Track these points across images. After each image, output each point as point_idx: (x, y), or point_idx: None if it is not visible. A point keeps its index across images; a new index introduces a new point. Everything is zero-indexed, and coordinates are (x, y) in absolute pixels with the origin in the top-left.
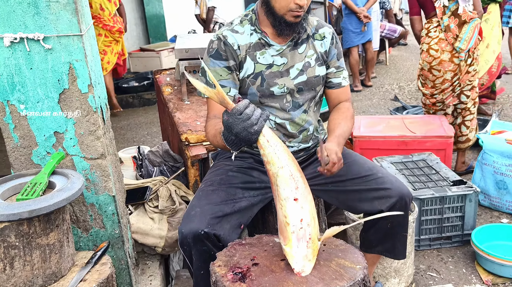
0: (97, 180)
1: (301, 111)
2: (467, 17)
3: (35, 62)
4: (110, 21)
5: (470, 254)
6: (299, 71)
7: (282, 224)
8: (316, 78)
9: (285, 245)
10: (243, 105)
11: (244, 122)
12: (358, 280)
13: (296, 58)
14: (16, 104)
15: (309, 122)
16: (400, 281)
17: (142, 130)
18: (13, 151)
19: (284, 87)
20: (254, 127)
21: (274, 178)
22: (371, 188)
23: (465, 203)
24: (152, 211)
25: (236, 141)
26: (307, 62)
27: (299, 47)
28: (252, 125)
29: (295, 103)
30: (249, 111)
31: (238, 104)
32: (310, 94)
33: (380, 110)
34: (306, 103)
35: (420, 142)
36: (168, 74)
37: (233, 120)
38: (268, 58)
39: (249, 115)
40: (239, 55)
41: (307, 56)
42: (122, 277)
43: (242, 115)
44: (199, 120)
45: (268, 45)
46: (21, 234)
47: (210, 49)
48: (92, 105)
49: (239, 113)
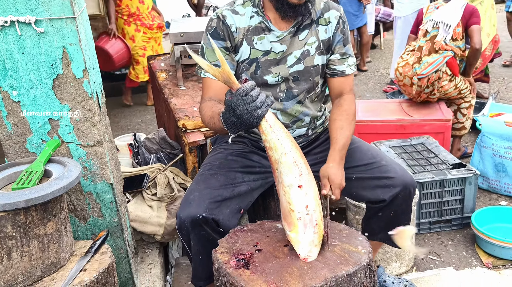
0: (94, 168)
1: (295, 102)
2: (439, 46)
3: (27, 46)
4: (148, 17)
5: (470, 237)
6: (296, 59)
7: (286, 210)
8: (314, 68)
9: (290, 231)
10: (250, 86)
11: (249, 104)
12: (364, 265)
13: (295, 45)
14: (8, 90)
15: (304, 113)
16: (401, 265)
17: (136, 118)
18: (6, 139)
19: (279, 76)
20: (258, 111)
21: (277, 164)
22: (374, 176)
23: (465, 186)
24: (150, 198)
25: (236, 124)
26: (306, 51)
27: (300, 33)
28: (256, 109)
29: (289, 93)
30: (254, 93)
31: (245, 84)
32: (306, 85)
33: (376, 95)
34: (302, 94)
35: (419, 126)
36: (163, 59)
37: (237, 101)
38: (266, 44)
39: (254, 97)
40: (236, 37)
41: (307, 44)
42: (121, 266)
43: (247, 97)
44: (195, 106)
45: (268, 30)
46: (18, 224)
47: (209, 27)
48: (88, 91)
49: (244, 95)
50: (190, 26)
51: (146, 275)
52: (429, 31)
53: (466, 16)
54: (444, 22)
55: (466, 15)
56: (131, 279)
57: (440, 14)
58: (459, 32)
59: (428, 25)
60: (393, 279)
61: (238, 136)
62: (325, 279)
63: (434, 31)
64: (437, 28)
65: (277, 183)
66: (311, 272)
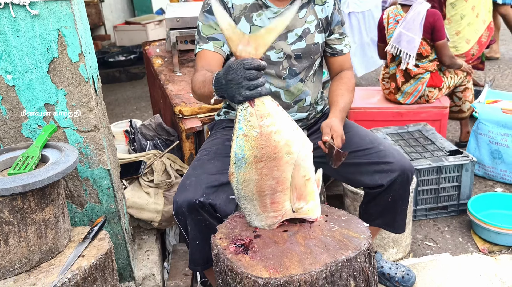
0: (91, 153)
1: (297, 80)
2: (412, 73)
3: (22, 29)
4: None
5: (466, 223)
6: (297, 36)
7: (301, 185)
8: (315, 46)
9: (307, 203)
10: (256, 64)
11: (244, 78)
12: (363, 250)
13: (297, 23)
14: (3, 74)
15: (305, 92)
16: (398, 251)
17: (131, 105)
18: (1, 124)
19: (281, 52)
20: (246, 92)
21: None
22: (372, 161)
23: (461, 173)
24: (147, 185)
25: (223, 88)
26: (306, 28)
27: (300, 11)
28: (246, 88)
29: (292, 71)
30: (255, 73)
31: (254, 59)
32: (307, 62)
33: (372, 82)
34: (303, 72)
35: (415, 113)
36: (158, 45)
37: (236, 68)
38: (265, 20)
39: (252, 76)
40: (232, 13)
41: (307, 22)
42: (119, 253)
43: (247, 71)
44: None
45: (265, 7)
46: (15, 210)
47: (205, 5)
48: (84, 75)
49: (247, 67)
50: (186, 11)
51: (144, 261)
52: (394, 55)
53: (429, 28)
54: (404, 50)
55: (429, 28)
56: (129, 266)
57: (398, 38)
58: (426, 50)
59: (391, 49)
60: (390, 265)
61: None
62: (325, 264)
63: (399, 57)
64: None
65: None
66: (311, 257)
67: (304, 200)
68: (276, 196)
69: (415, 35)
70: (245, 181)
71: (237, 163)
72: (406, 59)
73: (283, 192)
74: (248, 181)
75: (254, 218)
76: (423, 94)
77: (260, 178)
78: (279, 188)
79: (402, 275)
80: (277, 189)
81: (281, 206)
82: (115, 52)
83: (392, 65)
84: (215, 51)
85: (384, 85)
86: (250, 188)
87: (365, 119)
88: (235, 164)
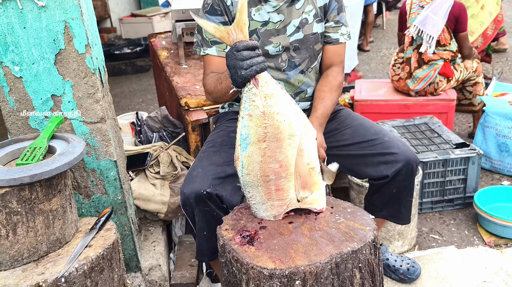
0: (97, 145)
1: (297, 72)
2: (427, 58)
3: (29, 20)
4: None
5: (472, 216)
6: (295, 28)
7: (305, 174)
8: (313, 36)
9: (312, 192)
10: (243, 45)
11: (237, 61)
12: (369, 242)
13: (293, 14)
14: (10, 66)
15: (306, 83)
16: (403, 244)
17: (137, 98)
18: (9, 115)
19: (279, 45)
20: (242, 72)
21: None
22: (376, 153)
23: (468, 166)
24: (153, 177)
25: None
26: (304, 19)
27: (297, 2)
28: (241, 68)
29: (291, 62)
30: (246, 53)
31: (240, 41)
32: (307, 53)
33: (379, 75)
34: (304, 63)
35: (422, 106)
36: (164, 37)
37: (229, 54)
38: (264, 14)
39: (244, 57)
40: (232, 11)
41: (304, 12)
42: (126, 243)
43: (237, 54)
44: (198, 84)
45: (264, 1)
46: (23, 200)
47: (205, 5)
48: (90, 66)
49: (236, 50)
50: (192, 2)
51: (150, 252)
52: (415, 38)
53: (453, 18)
54: (427, 33)
55: (453, 18)
56: (135, 256)
57: (424, 20)
58: (445, 38)
59: (413, 31)
60: (396, 257)
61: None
62: (330, 256)
63: (420, 38)
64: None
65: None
66: (316, 249)
67: (308, 190)
68: (281, 182)
69: (440, 20)
70: (250, 163)
71: (242, 143)
72: (428, 42)
73: (287, 178)
74: (252, 164)
75: (260, 207)
76: (433, 81)
77: (264, 160)
78: (283, 173)
79: (407, 268)
80: (281, 174)
81: (285, 194)
82: (121, 45)
83: (409, 49)
84: (219, 55)
85: (395, 71)
86: (255, 172)
87: (371, 111)
88: (240, 145)
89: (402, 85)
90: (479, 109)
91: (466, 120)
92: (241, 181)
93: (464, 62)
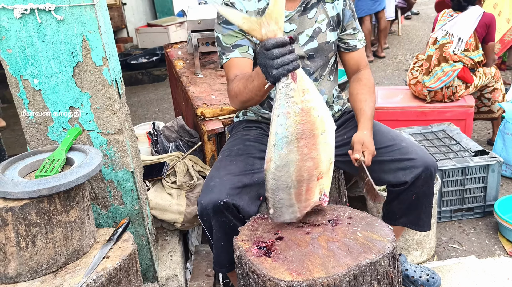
0: (114, 156)
1: (312, 80)
2: (449, 56)
3: (47, 34)
4: None
5: (492, 225)
6: (309, 37)
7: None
8: (327, 44)
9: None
10: (273, 43)
11: (268, 59)
12: (387, 253)
13: (306, 24)
14: (29, 79)
15: (321, 91)
16: (422, 253)
17: (153, 107)
18: (28, 127)
19: None
20: (273, 71)
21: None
22: (395, 159)
23: (487, 174)
24: (170, 186)
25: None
26: (317, 28)
27: (309, 12)
28: (272, 67)
29: (306, 71)
30: (276, 51)
31: (269, 39)
32: (321, 62)
33: (395, 82)
34: (318, 71)
35: (440, 113)
36: (180, 47)
37: (260, 51)
38: None
39: (274, 56)
40: None
41: (317, 22)
42: (143, 253)
43: (267, 52)
44: (213, 94)
45: None
46: (42, 211)
47: (220, 17)
48: (108, 78)
49: (265, 48)
50: (207, 13)
51: (167, 262)
52: (439, 39)
53: (482, 29)
54: (458, 35)
55: (482, 29)
56: (152, 267)
57: (454, 26)
58: (471, 43)
59: (439, 34)
60: (415, 268)
61: (255, 121)
62: (348, 268)
63: (444, 39)
64: (447, 36)
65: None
66: (334, 260)
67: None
68: (311, 181)
69: (471, 25)
70: (285, 165)
71: (277, 143)
72: (458, 44)
73: (316, 176)
74: (288, 165)
75: (285, 210)
76: (451, 85)
77: (301, 159)
78: (315, 171)
79: (426, 279)
80: (313, 172)
81: (312, 194)
82: (138, 55)
83: (432, 48)
84: (242, 57)
85: (413, 74)
86: (289, 173)
87: (388, 119)
88: (275, 145)
89: (420, 89)
90: (498, 116)
91: (485, 127)
92: (269, 185)
93: (483, 68)
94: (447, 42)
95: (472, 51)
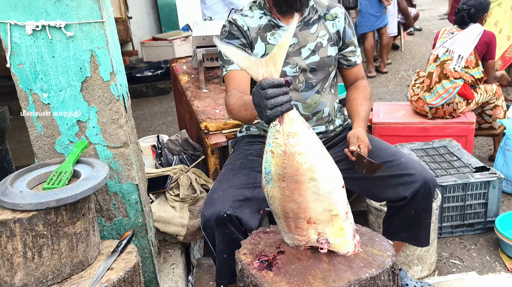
0: (120, 169)
1: (314, 92)
2: (450, 73)
3: (57, 50)
4: None
5: (493, 241)
6: (311, 51)
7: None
8: (328, 59)
9: (336, 238)
10: (268, 83)
11: (262, 99)
12: (387, 268)
13: (309, 38)
14: (39, 93)
15: (323, 104)
16: (423, 269)
17: (157, 120)
18: (36, 140)
19: (296, 66)
20: (267, 111)
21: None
22: (394, 174)
23: (488, 190)
24: (173, 199)
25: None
26: (319, 43)
27: (311, 27)
28: (266, 107)
29: (308, 83)
30: (271, 92)
31: (265, 79)
32: (323, 75)
33: (397, 97)
34: (319, 84)
35: (441, 129)
36: (185, 62)
37: (255, 91)
38: (279, 38)
39: (269, 96)
40: (249, 35)
41: (319, 37)
42: (146, 266)
43: (262, 92)
44: (217, 108)
45: (277, 27)
46: (49, 223)
47: (222, 33)
48: (115, 93)
49: (260, 88)
50: (212, 29)
51: (169, 275)
52: (440, 56)
53: (482, 47)
54: (458, 53)
55: (482, 47)
56: (155, 279)
57: (455, 43)
58: (471, 61)
59: (440, 51)
60: (415, 283)
61: (258, 136)
62: (349, 282)
63: (445, 56)
64: (447, 53)
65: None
66: (334, 275)
67: (332, 234)
68: (299, 222)
69: (470, 43)
70: (272, 197)
71: (265, 177)
72: (458, 61)
73: (305, 219)
74: (274, 198)
75: (284, 234)
76: (452, 101)
77: (283, 199)
78: (302, 215)
79: None
80: (300, 215)
81: (305, 233)
82: (143, 68)
83: (433, 65)
84: (240, 69)
85: (414, 91)
86: (276, 206)
87: (390, 134)
88: (265, 178)
89: (421, 105)
90: (499, 133)
91: (486, 143)
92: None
93: (484, 85)
94: (447, 59)
95: (472, 68)
